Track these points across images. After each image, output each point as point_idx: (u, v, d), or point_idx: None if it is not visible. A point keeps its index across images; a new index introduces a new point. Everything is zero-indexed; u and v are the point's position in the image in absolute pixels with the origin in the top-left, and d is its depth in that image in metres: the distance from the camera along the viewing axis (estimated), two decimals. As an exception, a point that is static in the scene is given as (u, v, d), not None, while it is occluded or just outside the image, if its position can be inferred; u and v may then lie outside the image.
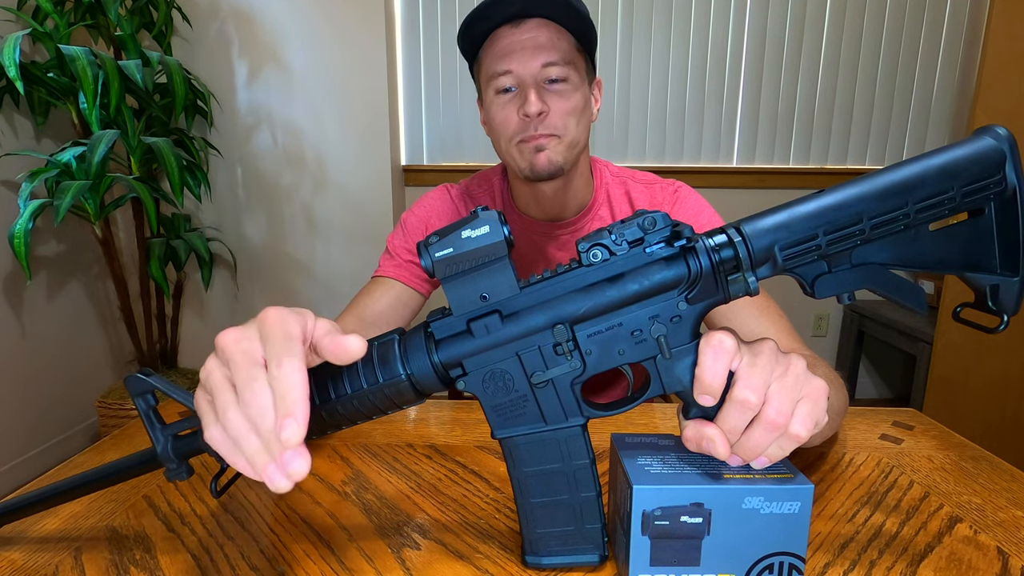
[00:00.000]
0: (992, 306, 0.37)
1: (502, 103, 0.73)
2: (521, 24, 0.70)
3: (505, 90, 0.73)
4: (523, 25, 0.70)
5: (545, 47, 0.70)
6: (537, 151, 0.72)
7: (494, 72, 0.72)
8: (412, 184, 2.42)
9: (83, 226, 2.06)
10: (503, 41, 0.71)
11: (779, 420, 0.35)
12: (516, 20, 0.70)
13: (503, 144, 0.76)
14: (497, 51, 0.72)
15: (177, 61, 1.85)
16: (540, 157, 0.72)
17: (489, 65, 0.73)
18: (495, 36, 0.72)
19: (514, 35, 0.70)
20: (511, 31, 0.71)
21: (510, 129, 0.73)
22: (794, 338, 0.69)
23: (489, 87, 0.74)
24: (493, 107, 0.74)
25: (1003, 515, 0.50)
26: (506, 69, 0.71)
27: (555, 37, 0.71)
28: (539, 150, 0.72)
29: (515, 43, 0.70)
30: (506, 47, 0.71)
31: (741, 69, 2.33)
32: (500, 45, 0.71)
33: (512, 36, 0.71)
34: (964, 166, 0.34)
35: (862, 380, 2.54)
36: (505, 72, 0.71)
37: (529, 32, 0.70)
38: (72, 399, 2.09)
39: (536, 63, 0.70)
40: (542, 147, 0.72)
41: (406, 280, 0.83)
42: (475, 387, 0.39)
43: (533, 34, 0.70)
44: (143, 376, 0.39)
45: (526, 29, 0.70)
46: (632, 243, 0.36)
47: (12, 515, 0.45)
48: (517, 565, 0.42)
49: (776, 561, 0.37)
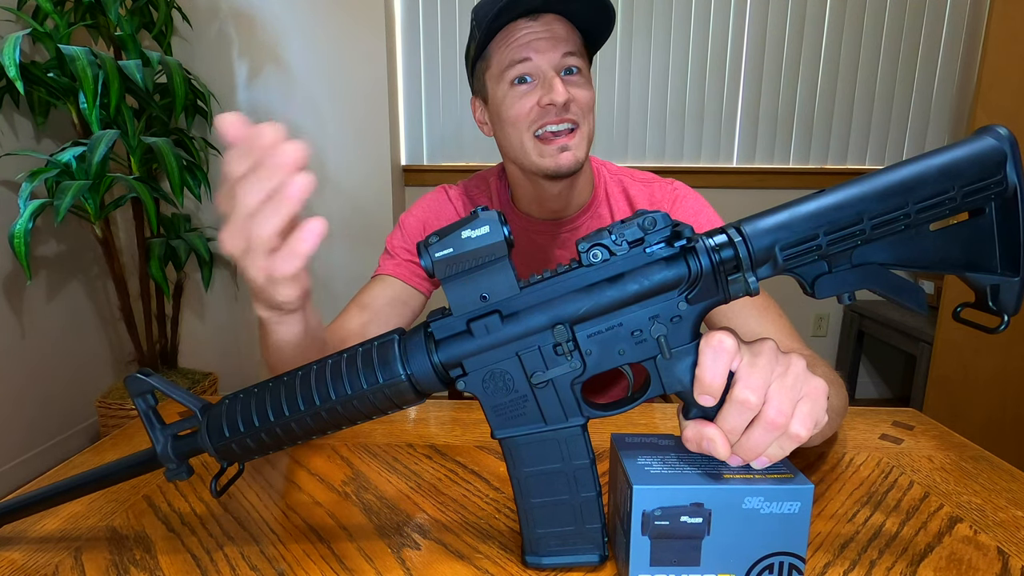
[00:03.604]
0: (992, 306, 0.37)
1: (519, 94, 0.73)
2: (538, 17, 0.71)
3: (521, 80, 0.73)
4: (540, 18, 0.71)
5: (563, 38, 0.72)
6: (562, 151, 0.73)
7: (511, 61, 0.72)
8: (412, 184, 2.42)
9: (83, 226, 2.05)
10: (520, 32, 0.72)
11: (779, 420, 0.35)
12: (534, 14, 0.71)
13: (517, 137, 0.74)
14: (514, 42, 0.72)
15: (177, 61, 1.85)
16: (565, 156, 0.73)
17: (504, 56, 0.73)
18: (510, 28, 0.72)
19: (532, 26, 0.71)
20: (528, 23, 0.71)
21: (528, 119, 0.73)
22: (794, 338, 0.69)
23: (502, 79, 0.73)
24: (508, 99, 0.73)
25: (1003, 515, 0.50)
26: (525, 57, 0.71)
27: (569, 30, 0.72)
28: (564, 150, 0.73)
29: (532, 33, 0.71)
30: (524, 38, 0.71)
31: (741, 69, 2.33)
32: (517, 36, 0.72)
33: (530, 27, 0.71)
34: (965, 166, 0.34)
35: (862, 380, 2.54)
36: (524, 60, 0.71)
37: (546, 25, 0.71)
38: (72, 399, 2.09)
39: (557, 52, 0.71)
40: (567, 147, 0.72)
41: (406, 278, 0.83)
42: (475, 387, 0.39)
43: (550, 27, 0.71)
44: (143, 376, 0.39)
45: (543, 22, 0.71)
46: (632, 243, 0.36)
47: (12, 515, 0.45)
48: (517, 565, 0.42)
49: (776, 561, 0.37)
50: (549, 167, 0.73)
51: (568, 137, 0.72)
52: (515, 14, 0.71)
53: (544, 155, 0.73)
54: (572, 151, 0.72)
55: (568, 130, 0.72)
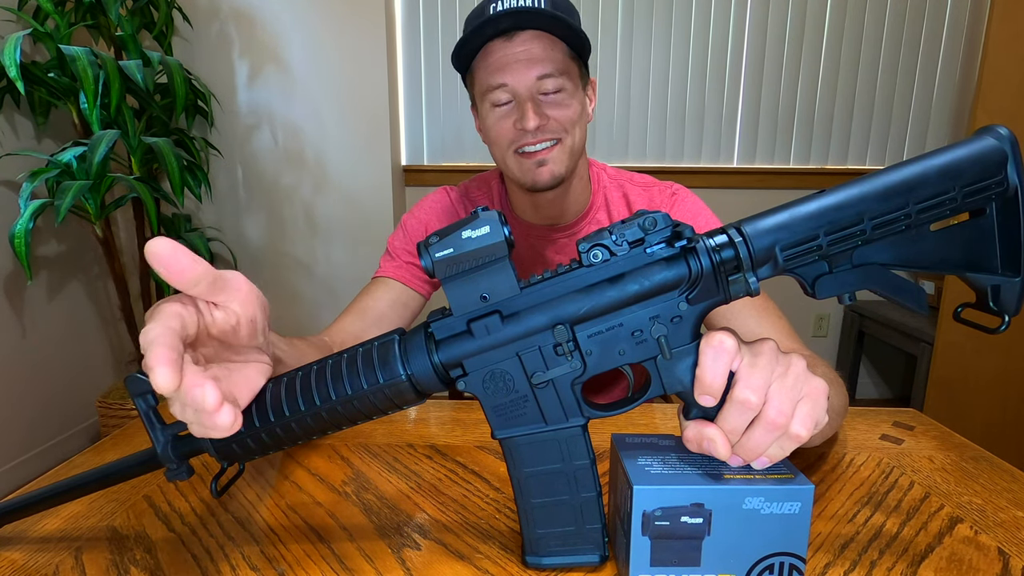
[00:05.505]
0: (993, 306, 0.37)
1: (498, 116, 0.73)
2: (514, 37, 0.70)
3: (500, 102, 0.73)
4: (516, 38, 0.70)
5: (539, 59, 0.70)
6: (539, 166, 0.73)
7: (489, 86, 0.72)
8: (412, 184, 2.42)
9: (84, 226, 2.06)
10: (496, 54, 0.71)
11: (780, 420, 0.35)
12: (509, 33, 0.70)
13: (500, 154, 0.76)
14: (491, 64, 0.71)
15: (177, 61, 1.85)
16: (543, 171, 0.73)
17: (483, 78, 0.73)
18: (487, 49, 0.72)
19: (507, 48, 0.70)
20: (504, 44, 0.70)
21: (507, 139, 0.73)
22: (794, 339, 0.69)
23: (485, 100, 0.74)
24: (489, 119, 0.74)
25: (1004, 515, 0.50)
26: (501, 83, 0.71)
27: (548, 48, 0.70)
28: (541, 164, 0.73)
29: (508, 56, 0.70)
30: (499, 60, 0.70)
31: (741, 69, 2.33)
32: (493, 58, 0.71)
33: (505, 49, 0.70)
34: (965, 166, 0.34)
35: (862, 380, 2.54)
36: (500, 86, 0.71)
37: (522, 45, 0.70)
38: (72, 399, 2.09)
39: (531, 76, 0.70)
40: (544, 161, 0.73)
41: (406, 281, 0.83)
42: (475, 387, 0.39)
43: (526, 47, 0.70)
44: (143, 376, 0.39)
45: (519, 42, 0.70)
46: (632, 243, 0.36)
47: (12, 515, 0.45)
48: (517, 565, 0.42)
49: (776, 561, 0.37)
50: (527, 182, 0.75)
51: (546, 152, 0.72)
52: (486, 37, 0.70)
53: (524, 170, 0.74)
54: (549, 165, 0.73)
55: (547, 147, 0.72)
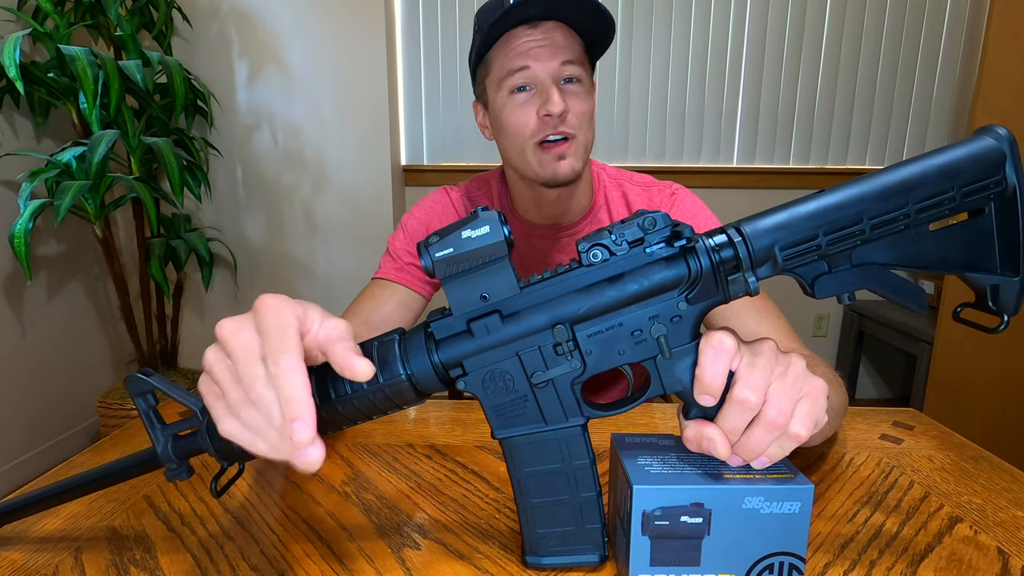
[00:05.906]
0: (992, 306, 0.37)
1: (518, 103, 0.73)
2: (538, 25, 0.71)
3: (519, 89, 0.72)
4: (540, 26, 0.71)
5: (562, 47, 0.71)
6: (559, 159, 0.73)
7: (509, 70, 0.72)
8: (412, 184, 2.42)
9: (83, 226, 2.06)
10: (519, 40, 0.71)
11: (779, 420, 0.35)
12: (534, 22, 0.71)
13: (519, 146, 0.74)
14: (512, 50, 0.72)
15: (177, 61, 1.85)
16: (563, 165, 0.73)
17: (503, 64, 0.73)
18: (509, 36, 0.72)
19: (531, 35, 0.71)
20: (527, 31, 0.71)
21: (528, 130, 0.73)
22: (793, 338, 0.69)
23: (502, 87, 0.74)
24: (507, 108, 0.74)
25: (1003, 515, 0.50)
26: (523, 65, 0.71)
27: (569, 38, 0.72)
28: (561, 158, 0.73)
29: (532, 42, 0.71)
30: (523, 46, 0.71)
31: (741, 69, 2.33)
32: (516, 44, 0.71)
33: (529, 35, 0.71)
34: (964, 166, 0.34)
35: (862, 380, 2.54)
36: (522, 68, 0.71)
37: (546, 32, 0.71)
38: (72, 399, 2.09)
39: (555, 61, 0.71)
40: (564, 155, 0.73)
41: (408, 283, 0.83)
42: (475, 387, 0.39)
43: (549, 35, 0.71)
44: (143, 376, 0.39)
45: (543, 30, 0.71)
46: (632, 243, 0.36)
47: (12, 515, 0.45)
48: (517, 565, 0.42)
49: (776, 561, 0.37)
50: (547, 175, 0.74)
51: (565, 146, 0.72)
52: (514, 22, 0.71)
53: (543, 163, 0.73)
54: (569, 159, 0.73)
55: (564, 140, 0.72)
